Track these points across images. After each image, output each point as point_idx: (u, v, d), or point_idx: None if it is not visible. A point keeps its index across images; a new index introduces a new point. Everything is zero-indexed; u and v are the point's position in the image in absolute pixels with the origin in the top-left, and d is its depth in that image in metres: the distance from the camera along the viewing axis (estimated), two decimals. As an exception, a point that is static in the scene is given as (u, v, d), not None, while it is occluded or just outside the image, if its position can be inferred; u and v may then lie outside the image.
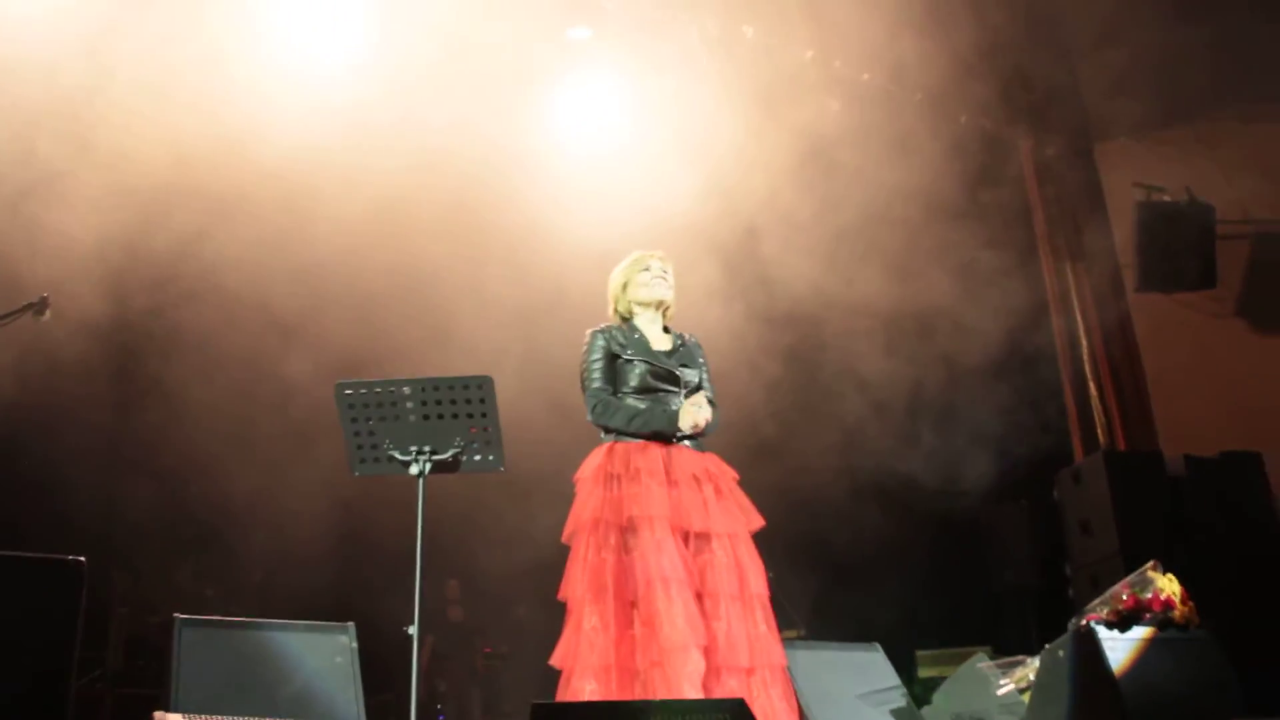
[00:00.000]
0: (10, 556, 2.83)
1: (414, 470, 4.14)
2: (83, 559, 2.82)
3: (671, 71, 7.16)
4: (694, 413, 4.05)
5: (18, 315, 4.69)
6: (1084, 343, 7.98)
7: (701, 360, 4.38)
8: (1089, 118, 8.17)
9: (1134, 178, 7.61)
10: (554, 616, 4.04)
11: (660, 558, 3.88)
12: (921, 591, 7.53)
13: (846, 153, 7.09)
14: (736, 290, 6.61)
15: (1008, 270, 7.33)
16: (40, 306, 4.69)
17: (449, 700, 7.55)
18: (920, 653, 7.22)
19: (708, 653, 3.84)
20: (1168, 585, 4.04)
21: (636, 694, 3.78)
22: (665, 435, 4.10)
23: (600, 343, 4.27)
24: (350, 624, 3.82)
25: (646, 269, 4.38)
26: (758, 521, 4.16)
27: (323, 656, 3.71)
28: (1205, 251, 7.40)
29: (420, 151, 6.49)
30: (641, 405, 4.12)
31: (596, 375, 4.21)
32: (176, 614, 3.63)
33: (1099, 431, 7.86)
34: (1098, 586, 5.48)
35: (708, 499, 4.06)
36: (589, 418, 4.23)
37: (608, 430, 4.19)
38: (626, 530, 3.95)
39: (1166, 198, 7.49)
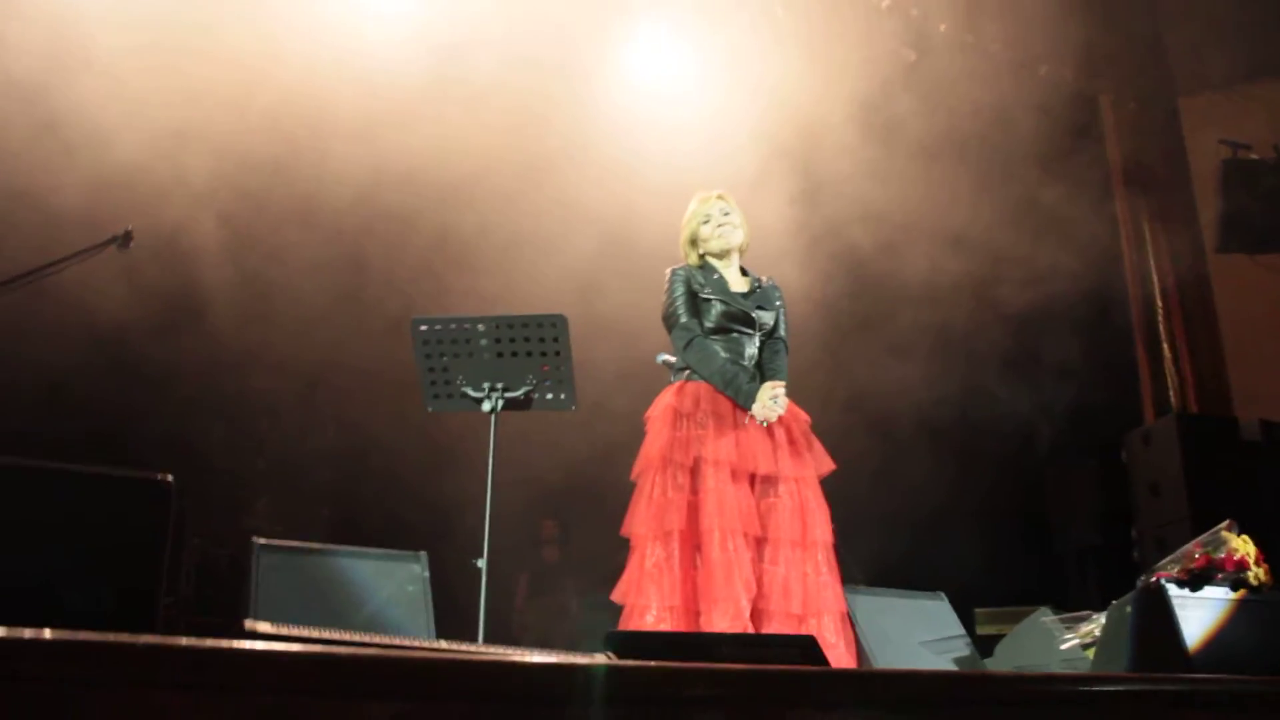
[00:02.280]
0: (99, 473, 2.91)
1: (486, 407, 4.23)
2: (170, 477, 2.89)
3: (744, 11, 7.07)
4: (769, 405, 4.03)
5: (103, 247, 4.79)
6: (1160, 303, 7.82)
7: (779, 304, 4.37)
8: (1174, 72, 7.95)
9: (1219, 134, 7.42)
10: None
11: (723, 503, 3.91)
12: (982, 548, 7.47)
13: (921, 103, 6.99)
14: (804, 231, 6.56)
15: (1084, 227, 7.20)
16: (125, 239, 4.78)
17: (533, 633, 7.67)
18: (979, 610, 7.18)
19: (761, 598, 3.87)
20: (1242, 546, 3.96)
21: (696, 633, 3.83)
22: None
23: (681, 278, 4.28)
24: (423, 553, 3.90)
25: (707, 219, 4.35)
26: (827, 466, 4.16)
27: (396, 584, 3.79)
28: (1290, 211, 7.22)
29: (492, 91, 6.52)
30: (730, 365, 4.12)
31: (682, 310, 4.21)
32: (255, 538, 3.73)
33: (1171, 393, 7.73)
34: (1164, 549, 5.42)
35: (778, 442, 4.07)
36: (677, 351, 4.23)
37: (679, 370, 4.21)
38: (693, 471, 3.98)
39: (1253, 155, 7.30)
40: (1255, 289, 7.57)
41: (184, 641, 1.52)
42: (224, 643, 1.56)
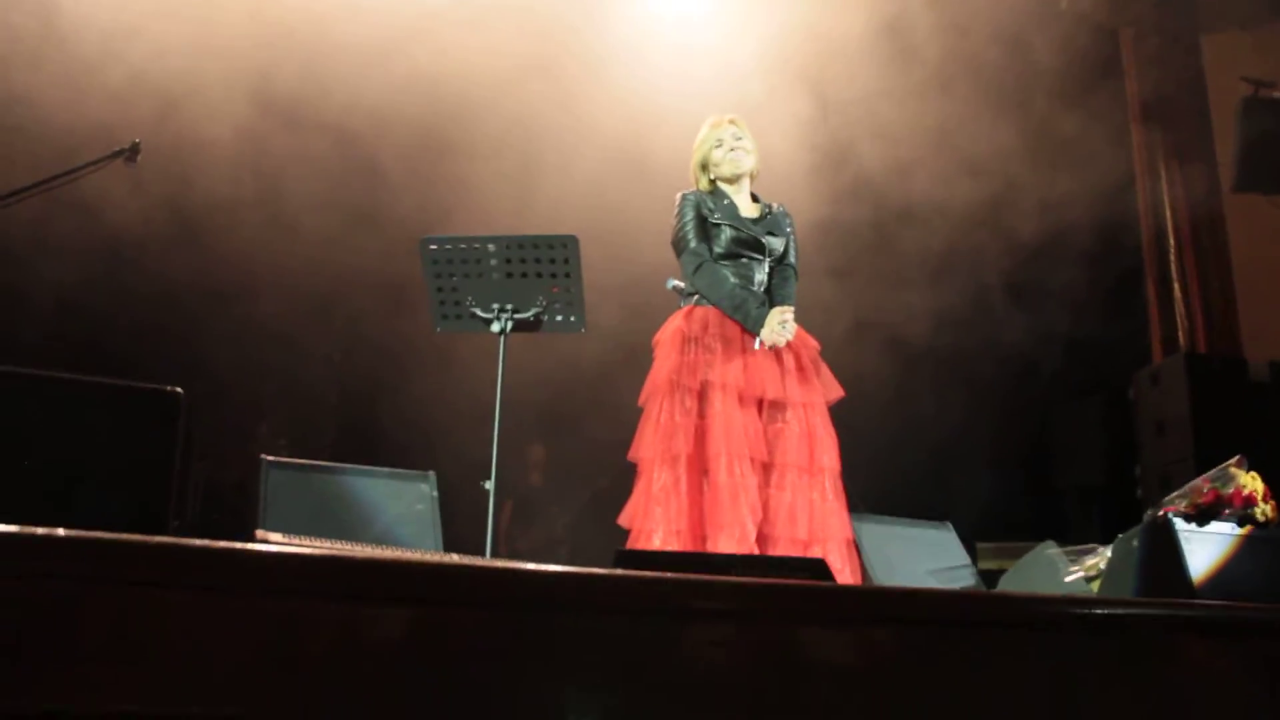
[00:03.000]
0: (109, 384, 2.91)
1: (495, 328, 4.22)
2: (180, 390, 2.89)
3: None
4: (778, 331, 4.02)
5: (109, 160, 4.75)
6: (1172, 241, 7.74)
7: (789, 230, 4.34)
8: (1197, 7, 7.81)
9: (1241, 72, 7.29)
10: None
11: (730, 428, 3.91)
12: (985, 482, 7.50)
13: (939, 29, 6.87)
14: (814, 158, 6.48)
15: (1100, 161, 7.11)
16: (132, 152, 4.73)
17: (527, 558, 7.73)
18: (981, 545, 7.22)
19: (767, 523, 3.89)
20: (1251, 482, 3.96)
21: (703, 557, 3.84)
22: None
23: (692, 202, 4.24)
24: (431, 473, 3.91)
25: (719, 144, 4.30)
26: (836, 392, 4.16)
27: (404, 503, 3.81)
28: (1310, 153, 7.11)
29: (506, 10, 6.44)
30: (739, 290, 4.10)
31: (692, 235, 4.19)
32: (264, 455, 3.74)
33: (1180, 334, 7.68)
34: (1168, 488, 5.42)
35: (786, 368, 4.07)
36: (685, 276, 4.21)
37: (689, 295, 4.19)
38: (700, 395, 3.98)
39: (1275, 94, 7.18)
40: (1270, 230, 7.48)
41: (197, 542, 1.52)
42: (237, 545, 1.56)
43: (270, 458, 3.76)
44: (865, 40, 6.64)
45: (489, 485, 4.05)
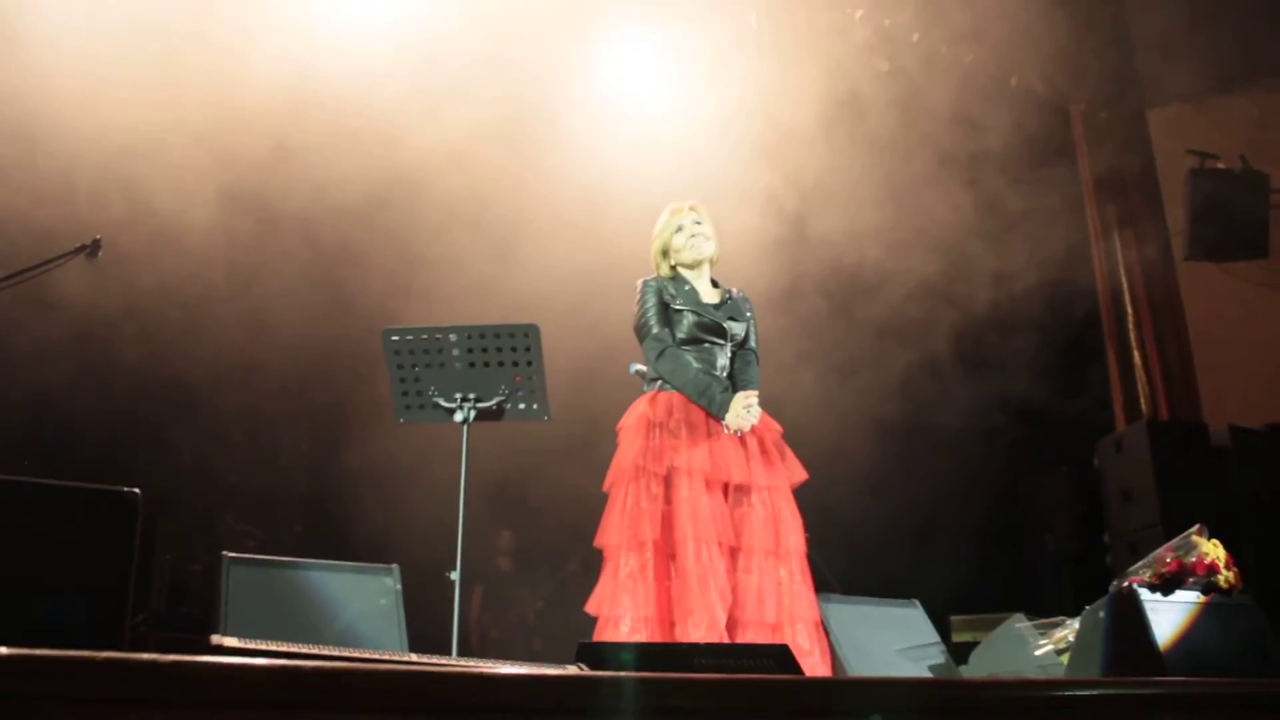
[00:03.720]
0: (64, 486, 2.88)
1: (459, 417, 4.19)
2: (137, 490, 2.86)
3: (718, 18, 7.09)
4: (742, 415, 4.04)
5: (70, 257, 4.74)
6: (1130, 310, 7.87)
7: (749, 315, 4.38)
8: (1142, 84, 8.03)
9: (1187, 144, 7.49)
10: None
11: (697, 513, 3.91)
12: (956, 556, 7.50)
13: (892, 112, 7.02)
14: (776, 241, 6.58)
15: (1053, 234, 7.25)
16: (93, 249, 4.73)
17: (498, 648, 7.63)
18: (954, 618, 7.20)
19: (736, 607, 3.87)
20: (1212, 550, 3.99)
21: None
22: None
23: (653, 288, 4.28)
24: (395, 566, 3.86)
25: (680, 229, 4.35)
26: (800, 475, 4.17)
27: (368, 597, 3.75)
28: (1258, 221, 7.28)
29: (476, 101, 6.55)
30: (703, 375, 4.12)
31: (654, 321, 4.22)
32: (225, 552, 3.69)
33: (1142, 400, 7.78)
34: (1136, 555, 5.44)
35: (750, 452, 4.07)
36: (649, 362, 4.23)
37: (652, 380, 4.21)
38: (666, 480, 3.97)
39: (1220, 165, 7.37)
40: (1222, 296, 7.65)
41: (145, 657, 1.50)
42: (186, 658, 1.53)
43: (231, 554, 3.71)
44: (819, 124, 6.78)
45: (454, 576, 4.01)
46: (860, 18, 7.17)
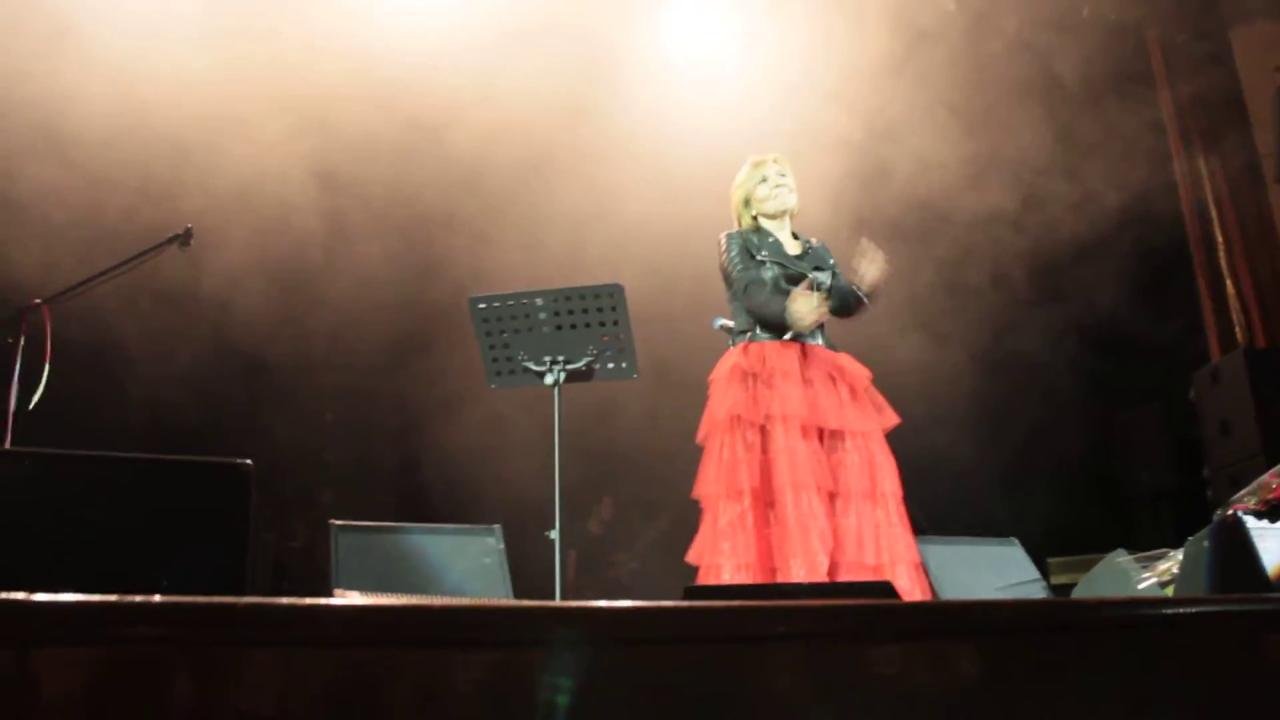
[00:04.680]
0: (181, 460, 3.01)
1: (549, 380, 4.24)
2: (249, 461, 2.98)
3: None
4: (804, 309, 4.03)
5: (163, 247, 4.89)
6: (1219, 236, 7.67)
7: (832, 261, 4.39)
8: (1220, 2, 7.80)
9: (1273, 63, 7.26)
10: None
11: (795, 460, 3.94)
12: (1052, 497, 7.42)
13: (963, 45, 6.92)
14: (852, 180, 6.54)
15: (1136, 163, 7.10)
16: (185, 238, 4.88)
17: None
18: (1052, 559, 7.14)
19: (836, 550, 3.91)
20: (1320, 472, 3.92)
21: (773, 590, 3.85)
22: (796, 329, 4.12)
23: (738, 240, 4.31)
24: (497, 526, 3.95)
25: (764, 179, 4.37)
26: (892, 420, 4.19)
27: (472, 557, 3.86)
28: (1351, 135, 7.03)
29: (541, 74, 6.61)
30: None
31: (740, 265, 4.25)
32: (332, 520, 3.82)
33: (1237, 329, 7.59)
34: (1238, 488, 5.34)
35: (843, 398, 4.10)
36: (740, 300, 4.25)
37: (740, 332, 4.24)
38: (763, 429, 4.00)
39: (1307, 81, 7.12)
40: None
41: (283, 601, 1.58)
42: (320, 600, 1.62)
43: (338, 522, 3.84)
44: (890, 59, 6.71)
45: (554, 535, 4.08)
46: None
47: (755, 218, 4.40)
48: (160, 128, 5.97)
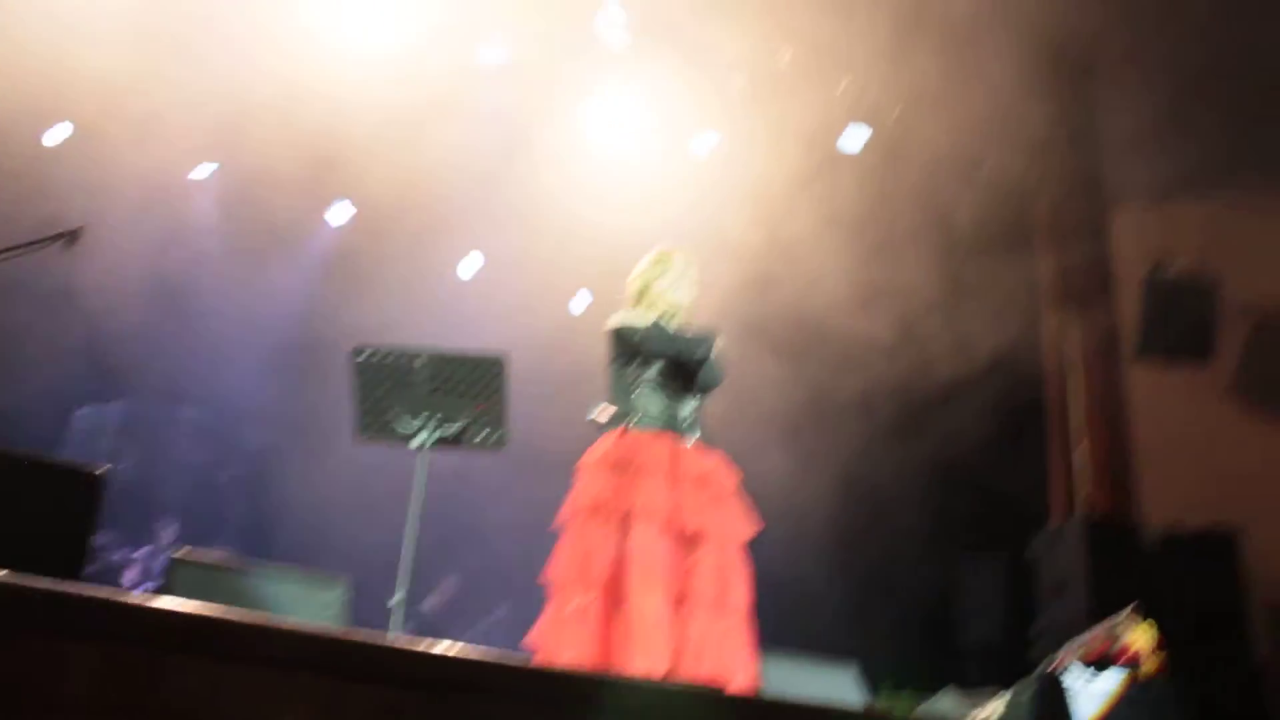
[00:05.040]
0: (37, 459, 2.92)
1: (417, 442, 4.16)
2: (103, 468, 2.89)
3: (704, 87, 7.26)
4: None
5: (46, 244, 4.71)
6: (1073, 403, 8.03)
7: (715, 356, 4.37)
8: (1107, 179, 8.28)
9: (1144, 244, 7.70)
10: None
11: (651, 559, 3.92)
12: (894, 627, 7.55)
13: (866, 180, 7.21)
14: (746, 290, 6.70)
15: (1012, 317, 7.41)
16: (71, 237, 4.70)
17: None
18: (883, 689, 7.22)
19: (674, 655, 3.87)
20: (1141, 634, 4.10)
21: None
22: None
23: (624, 330, 4.31)
24: (343, 578, 3.86)
25: (670, 269, 4.42)
26: (752, 528, 4.20)
27: (313, 608, 3.74)
28: (1207, 325, 7.44)
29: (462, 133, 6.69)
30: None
31: (623, 358, 4.29)
32: (172, 552, 3.69)
33: (1080, 494, 7.89)
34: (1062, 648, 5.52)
35: (707, 499, 4.11)
36: (613, 388, 4.29)
37: (618, 417, 4.25)
38: (623, 521, 3.98)
39: (1174, 268, 7.55)
40: (1169, 396, 7.78)
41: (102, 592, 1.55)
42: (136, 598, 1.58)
43: (178, 555, 3.71)
44: (794, 181, 6.95)
45: (398, 599, 3.97)
46: (841, 92, 7.33)
47: (648, 308, 4.41)
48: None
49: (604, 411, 4.31)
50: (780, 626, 6.52)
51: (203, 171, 6.63)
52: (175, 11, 6.30)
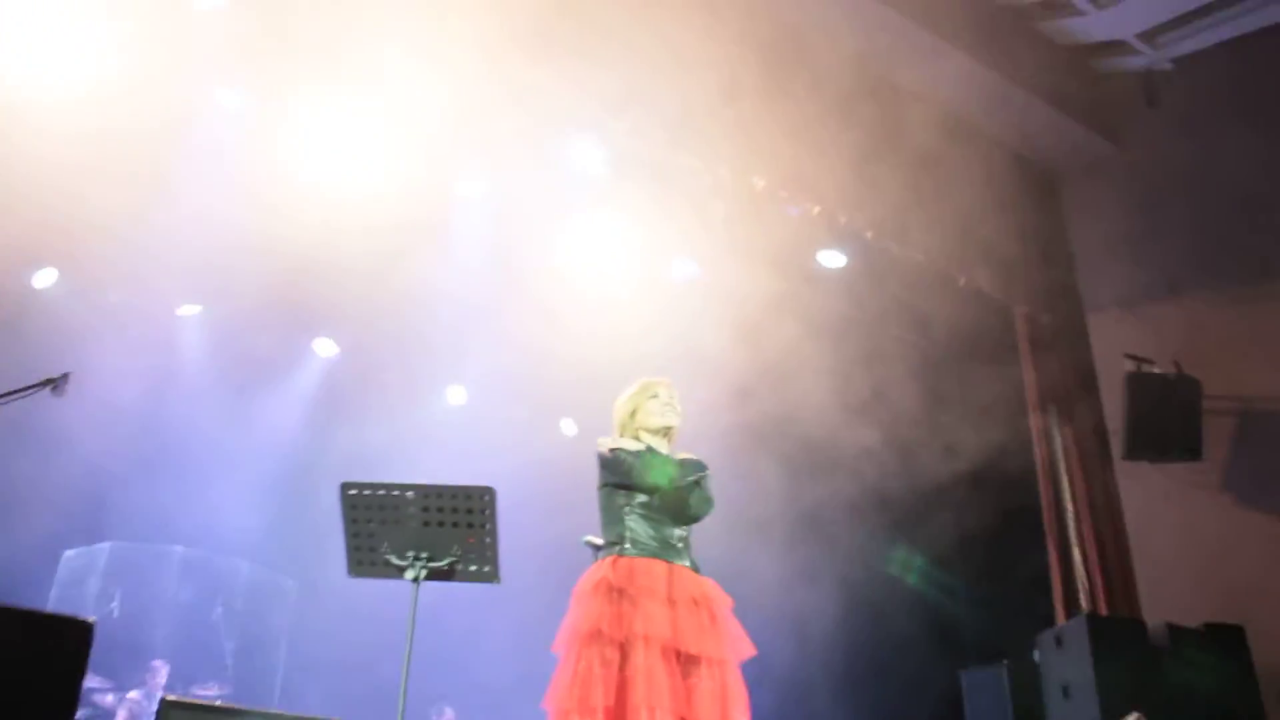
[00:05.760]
0: (28, 611, 2.91)
1: (409, 576, 4.15)
2: (92, 619, 2.89)
3: (681, 214, 7.39)
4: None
5: (34, 390, 4.75)
6: (1070, 507, 8.05)
7: (706, 482, 4.43)
8: (1082, 287, 8.44)
9: (1124, 348, 7.81)
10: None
11: (653, 682, 3.90)
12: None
13: (846, 305, 7.31)
14: (737, 421, 6.74)
15: (997, 431, 7.47)
16: (60, 384, 4.75)
17: None
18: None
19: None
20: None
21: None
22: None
23: (615, 456, 4.36)
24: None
25: (655, 396, 4.51)
26: (748, 650, 4.20)
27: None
28: (1191, 424, 7.53)
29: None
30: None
31: (609, 483, 4.32)
32: (164, 696, 3.65)
33: (1081, 594, 7.87)
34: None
35: (704, 623, 4.11)
36: (608, 516, 4.32)
37: (608, 544, 4.26)
38: (624, 647, 3.98)
39: (1155, 370, 7.66)
40: (1160, 495, 7.83)
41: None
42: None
43: (171, 697, 3.67)
44: (773, 299, 7.04)
45: (393, 737, 3.93)
46: (817, 214, 7.48)
47: (636, 432, 4.48)
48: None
49: (597, 537, 4.34)
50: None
51: (189, 310, 6.66)
52: (157, 154, 6.42)
